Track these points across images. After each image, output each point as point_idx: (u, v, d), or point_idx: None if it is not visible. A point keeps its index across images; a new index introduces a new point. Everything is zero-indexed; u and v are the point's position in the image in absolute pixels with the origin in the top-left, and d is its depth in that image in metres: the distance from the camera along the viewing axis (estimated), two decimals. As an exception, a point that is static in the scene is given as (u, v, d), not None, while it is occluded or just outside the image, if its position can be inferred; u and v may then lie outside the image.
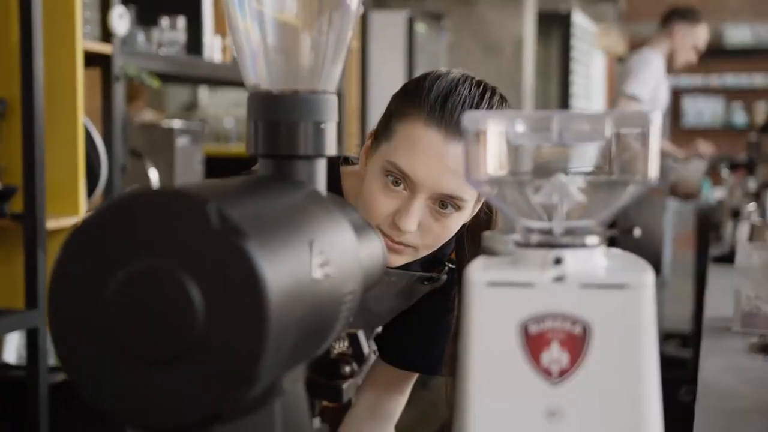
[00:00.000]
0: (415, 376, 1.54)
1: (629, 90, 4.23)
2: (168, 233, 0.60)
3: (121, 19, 2.63)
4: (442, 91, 1.25)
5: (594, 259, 0.69)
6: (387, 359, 1.52)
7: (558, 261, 0.68)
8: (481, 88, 1.27)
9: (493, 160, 0.70)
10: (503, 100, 1.31)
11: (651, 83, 4.28)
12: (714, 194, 6.32)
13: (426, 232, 1.27)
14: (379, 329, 1.54)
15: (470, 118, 0.69)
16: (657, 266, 4.44)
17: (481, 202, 1.34)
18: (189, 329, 0.59)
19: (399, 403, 1.55)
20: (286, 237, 0.65)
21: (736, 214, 3.18)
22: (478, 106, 1.25)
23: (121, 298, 0.60)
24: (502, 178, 0.70)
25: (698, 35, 4.39)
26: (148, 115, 4.37)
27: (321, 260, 0.68)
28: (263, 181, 0.75)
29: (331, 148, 0.80)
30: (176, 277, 0.59)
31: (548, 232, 0.70)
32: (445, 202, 1.25)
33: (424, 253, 1.30)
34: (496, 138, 0.69)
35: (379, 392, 1.53)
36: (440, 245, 1.31)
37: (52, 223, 2.37)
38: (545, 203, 0.70)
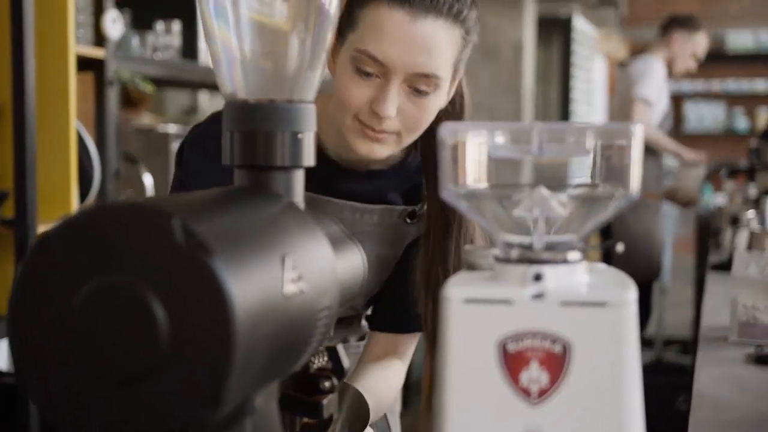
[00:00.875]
0: (414, 339, 1.48)
1: (641, 93, 4.22)
2: (133, 248, 0.58)
3: (114, 24, 2.61)
4: None
5: (575, 275, 0.67)
6: (379, 327, 1.47)
7: (538, 277, 0.66)
8: None
9: (472, 172, 0.68)
10: None
11: (657, 85, 4.28)
12: (715, 200, 6.30)
13: (406, 116, 1.25)
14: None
15: (447, 129, 0.67)
16: (654, 270, 4.41)
17: (457, 82, 1.32)
18: (153, 347, 0.57)
19: (400, 371, 1.46)
20: (257, 252, 0.63)
21: (735, 222, 3.16)
22: None
23: (84, 314, 0.59)
24: (481, 191, 0.68)
25: (697, 43, 4.38)
26: (146, 119, 4.35)
27: (294, 275, 0.66)
28: (237, 193, 0.73)
29: (309, 159, 0.78)
30: (140, 294, 0.58)
31: (528, 246, 0.68)
32: (420, 84, 1.23)
33: (408, 139, 1.28)
34: (474, 150, 0.67)
35: (379, 360, 1.45)
36: (423, 129, 1.28)
37: (43, 229, 2.35)
38: (526, 217, 0.68)
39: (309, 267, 0.69)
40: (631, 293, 0.65)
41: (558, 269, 0.66)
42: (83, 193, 2.55)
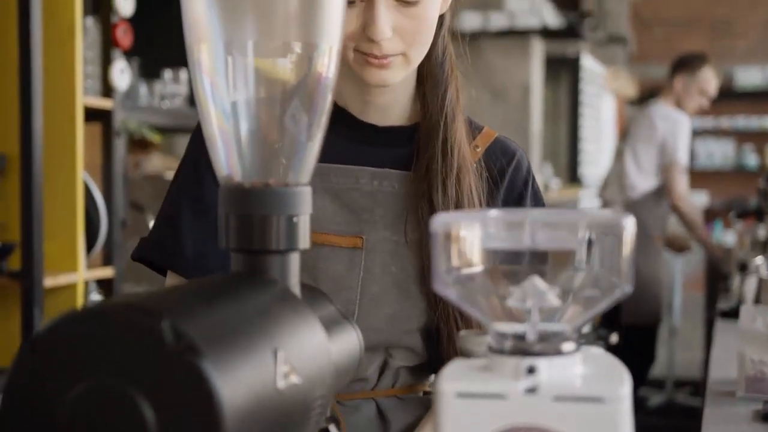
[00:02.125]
0: None
1: (679, 158, 4.24)
2: (121, 350, 0.58)
3: (122, 74, 2.63)
4: None
5: (569, 367, 0.66)
6: None
7: (531, 370, 0.65)
8: None
9: (464, 262, 0.68)
10: None
11: (688, 147, 4.33)
12: (725, 237, 6.27)
13: (404, 32, 1.17)
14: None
15: (438, 221, 0.67)
16: (659, 313, 4.39)
17: None
18: (143, 449, 0.57)
19: None
20: (248, 348, 0.63)
21: (743, 268, 3.14)
22: None
23: (74, 416, 0.58)
24: (473, 281, 0.68)
25: (702, 81, 4.38)
26: (155, 161, 4.37)
27: (286, 369, 0.66)
28: (231, 281, 0.73)
29: (304, 242, 0.78)
30: (129, 397, 0.57)
31: (522, 337, 0.67)
32: None
33: (417, 57, 1.20)
34: (466, 241, 0.67)
35: None
36: (429, 43, 1.21)
37: (50, 281, 2.36)
38: (518, 307, 0.67)
39: (302, 357, 0.69)
40: (625, 387, 0.64)
41: (552, 361, 0.66)
42: (90, 244, 2.56)
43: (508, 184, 1.31)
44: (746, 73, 9.76)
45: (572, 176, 7.27)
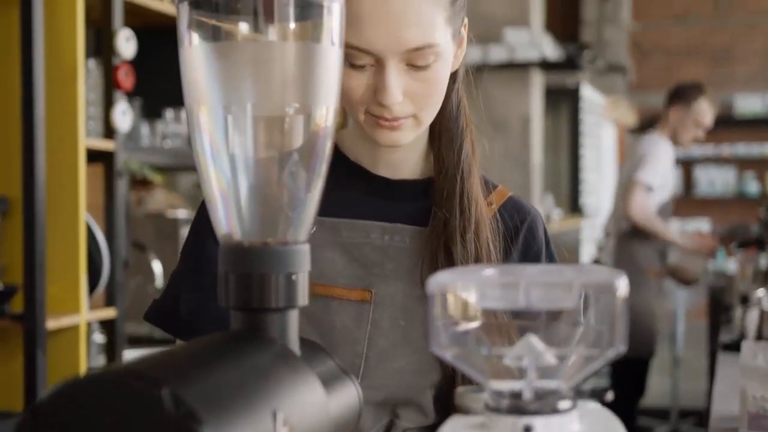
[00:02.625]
0: None
1: (643, 178, 4.24)
2: (122, 418, 0.59)
3: (124, 116, 2.65)
4: None
5: (566, 425, 0.67)
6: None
7: (528, 429, 0.66)
8: None
9: (460, 322, 0.69)
10: None
11: (661, 170, 4.30)
12: (728, 265, 6.26)
13: (415, 95, 1.16)
14: None
15: (435, 282, 0.68)
16: (650, 345, 4.37)
17: (465, 40, 1.23)
18: None
19: None
20: (247, 411, 0.64)
21: (745, 300, 3.14)
22: None
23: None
24: (470, 339, 0.69)
25: (697, 112, 4.39)
26: (159, 197, 4.39)
27: (285, 430, 0.67)
28: (230, 342, 0.74)
29: (303, 299, 0.79)
30: (129, 464, 0.58)
31: (518, 395, 0.68)
32: (418, 59, 1.13)
33: (428, 118, 1.20)
34: (462, 300, 0.68)
35: None
36: (440, 103, 1.20)
37: (52, 323, 2.36)
38: (515, 366, 0.68)
39: (301, 417, 0.69)
40: (620, 445, 0.65)
41: (548, 420, 0.66)
42: (92, 285, 2.56)
43: (522, 245, 1.29)
44: (746, 100, 9.81)
45: (574, 206, 7.29)
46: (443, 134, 1.27)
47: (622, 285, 0.66)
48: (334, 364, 0.84)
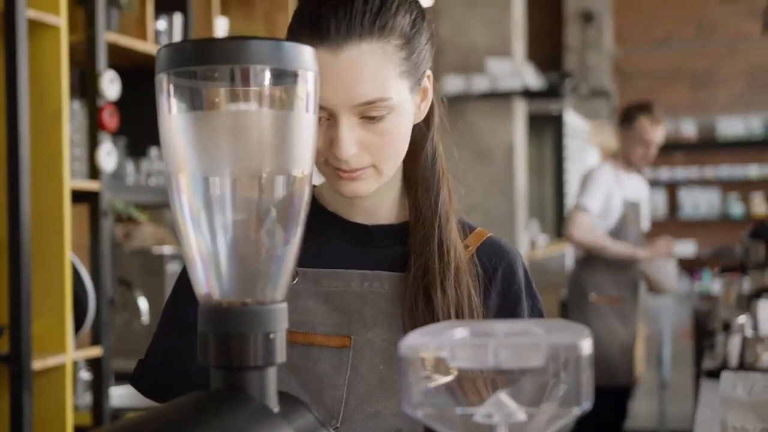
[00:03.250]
0: None
1: (582, 201, 4.30)
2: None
3: (109, 156, 2.67)
4: (313, 6, 1.17)
5: (536, 481, 0.69)
6: None
7: (499, 486, 0.68)
8: None
9: (431, 381, 0.71)
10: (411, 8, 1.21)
11: (602, 194, 4.32)
12: (713, 286, 6.28)
13: (370, 147, 1.18)
14: None
15: (406, 344, 0.70)
16: (625, 373, 4.34)
17: (429, 93, 1.26)
18: None
19: None
20: (226, 474, 0.66)
21: (727, 327, 3.17)
22: (352, 3, 1.16)
23: None
24: (441, 398, 0.71)
25: (639, 130, 4.42)
26: (146, 230, 4.39)
27: (264, 490, 0.69)
28: (209, 400, 0.76)
29: (281, 356, 0.82)
30: None
31: (491, 451, 0.70)
32: (370, 111, 1.16)
33: (389, 169, 1.22)
34: (433, 360, 0.70)
35: None
36: (401, 154, 1.22)
37: (38, 363, 2.37)
38: (486, 423, 0.70)
39: (280, 477, 0.72)
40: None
41: (519, 476, 0.69)
42: (78, 324, 2.58)
43: (501, 286, 1.31)
44: (728, 123, 9.90)
45: (559, 231, 7.33)
46: (420, 183, 1.29)
47: (586, 345, 0.68)
48: (312, 417, 0.86)
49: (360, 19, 1.16)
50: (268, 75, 0.79)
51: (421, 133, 1.29)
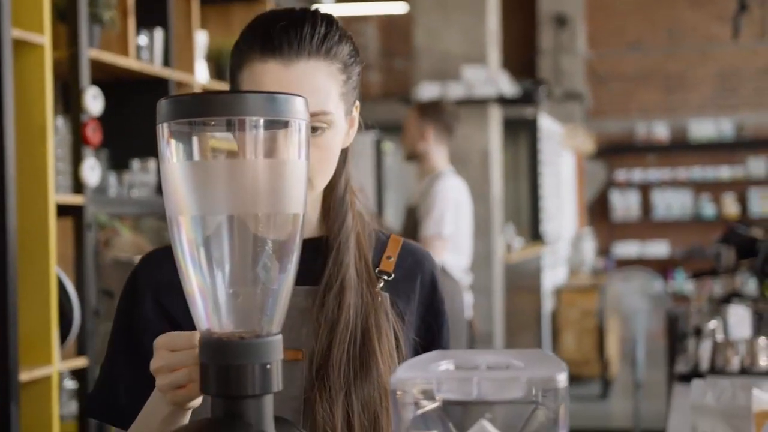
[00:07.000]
0: None
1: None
2: None
3: (92, 171, 2.72)
4: (266, 20, 1.25)
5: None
6: None
7: (481, 508, 0.74)
8: (300, 10, 1.27)
9: (420, 411, 0.77)
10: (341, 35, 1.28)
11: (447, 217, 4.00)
12: (685, 286, 6.38)
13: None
14: None
15: (396, 378, 0.76)
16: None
17: (355, 124, 1.33)
18: None
19: None
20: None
21: (698, 332, 3.24)
22: (302, 20, 1.24)
23: None
24: (428, 428, 0.77)
25: (408, 127, 4.22)
26: (126, 237, 4.41)
27: None
28: (209, 428, 0.82)
29: (277, 384, 0.88)
30: None
31: (473, 475, 0.76)
32: (313, 122, 1.20)
33: (320, 183, 1.27)
34: (419, 393, 0.76)
35: None
36: (331, 172, 1.28)
37: (25, 375, 2.42)
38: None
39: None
40: None
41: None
42: (63, 335, 2.62)
43: (421, 293, 1.36)
44: (700, 125, 10.03)
45: (534, 234, 7.41)
46: (331, 210, 1.33)
47: (562, 378, 0.74)
48: (306, 440, 0.92)
49: (309, 40, 1.23)
50: (262, 125, 0.85)
51: (339, 163, 1.33)
